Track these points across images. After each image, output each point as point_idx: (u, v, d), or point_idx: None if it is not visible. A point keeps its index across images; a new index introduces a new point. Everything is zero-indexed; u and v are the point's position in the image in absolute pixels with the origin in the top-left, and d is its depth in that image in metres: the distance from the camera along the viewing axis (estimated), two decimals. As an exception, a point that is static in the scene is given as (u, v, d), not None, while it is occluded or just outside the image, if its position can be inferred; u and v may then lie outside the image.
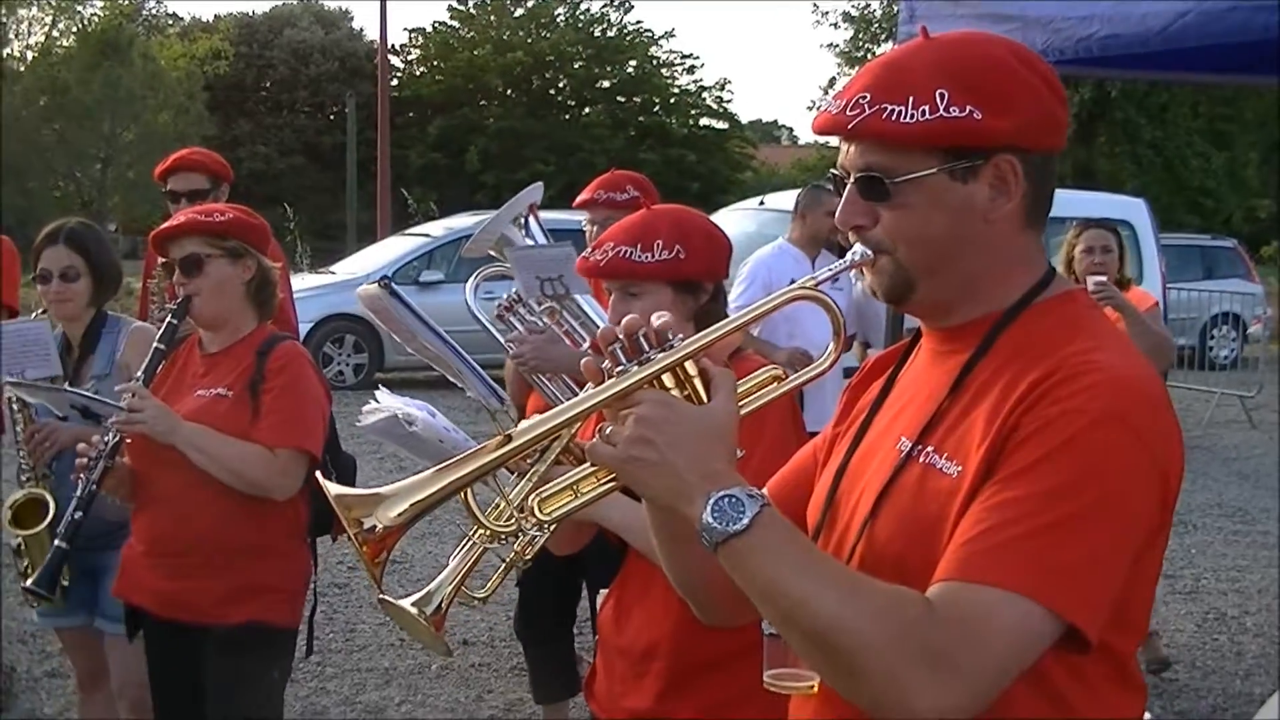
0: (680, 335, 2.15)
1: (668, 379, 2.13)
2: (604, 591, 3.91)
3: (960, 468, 2.10)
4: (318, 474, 2.49)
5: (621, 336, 2.14)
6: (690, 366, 2.14)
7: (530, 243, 5.35)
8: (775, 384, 2.29)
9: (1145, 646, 7.30)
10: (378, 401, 3.91)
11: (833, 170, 2.29)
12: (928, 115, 2.12)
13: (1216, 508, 12.65)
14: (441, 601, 2.91)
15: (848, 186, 2.23)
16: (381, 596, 2.43)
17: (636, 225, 3.75)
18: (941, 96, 2.12)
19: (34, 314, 5.43)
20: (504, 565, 3.49)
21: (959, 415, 2.17)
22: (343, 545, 6.09)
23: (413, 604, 2.89)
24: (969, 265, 2.21)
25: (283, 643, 4.93)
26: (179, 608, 4.77)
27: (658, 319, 2.16)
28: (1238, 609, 9.39)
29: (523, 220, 5.39)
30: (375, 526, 2.14)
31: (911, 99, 2.13)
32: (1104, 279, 7.23)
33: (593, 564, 5.14)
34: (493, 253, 5.47)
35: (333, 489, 2.18)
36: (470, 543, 3.23)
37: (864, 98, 2.17)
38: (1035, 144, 2.19)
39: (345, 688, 7.58)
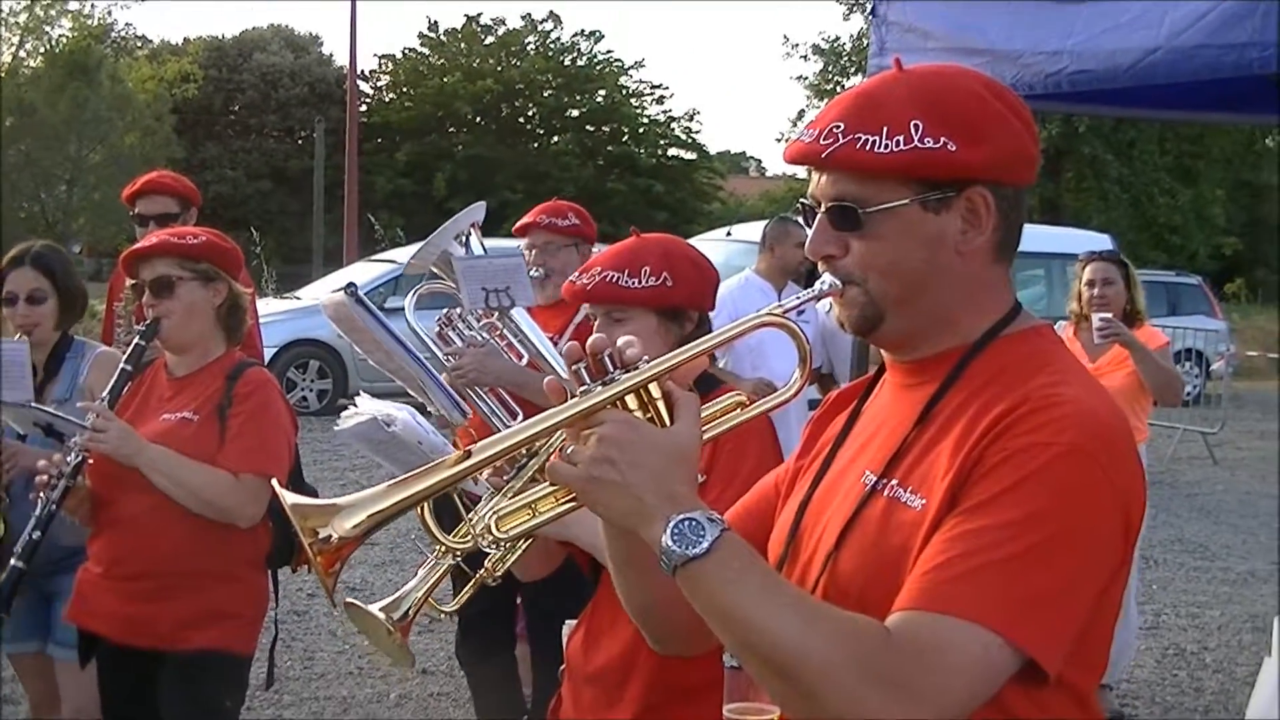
0: (646, 358, 2.14)
1: (631, 401, 2.12)
2: (570, 623, 3.88)
3: (924, 500, 2.10)
4: (274, 482, 2.48)
5: (587, 356, 2.13)
6: (654, 389, 2.13)
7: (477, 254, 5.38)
8: (739, 410, 2.29)
9: (1100, 697, 7.28)
10: (357, 407, 3.89)
11: (802, 200, 2.29)
12: (902, 146, 2.12)
13: (1178, 543, 12.68)
14: (409, 608, 2.91)
15: (819, 216, 2.23)
16: (349, 600, 2.42)
17: (625, 251, 3.75)
18: (916, 127, 2.12)
19: (16, 335, 5.36)
20: (471, 582, 3.49)
21: (924, 448, 2.16)
22: (302, 572, 6.06)
23: (381, 609, 2.88)
24: (939, 297, 2.21)
25: (238, 670, 4.90)
26: (136, 632, 4.72)
27: (624, 342, 2.15)
28: (1197, 645, 9.39)
29: (464, 238, 5.40)
30: (331, 537, 2.13)
31: (886, 129, 2.13)
32: (1109, 315, 7.09)
33: (534, 589, 5.07)
34: (435, 269, 5.49)
35: (289, 498, 2.17)
36: (435, 560, 3.23)
37: (838, 127, 2.17)
38: (1007, 177, 2.19)
39: (303, 715, 7.51)
